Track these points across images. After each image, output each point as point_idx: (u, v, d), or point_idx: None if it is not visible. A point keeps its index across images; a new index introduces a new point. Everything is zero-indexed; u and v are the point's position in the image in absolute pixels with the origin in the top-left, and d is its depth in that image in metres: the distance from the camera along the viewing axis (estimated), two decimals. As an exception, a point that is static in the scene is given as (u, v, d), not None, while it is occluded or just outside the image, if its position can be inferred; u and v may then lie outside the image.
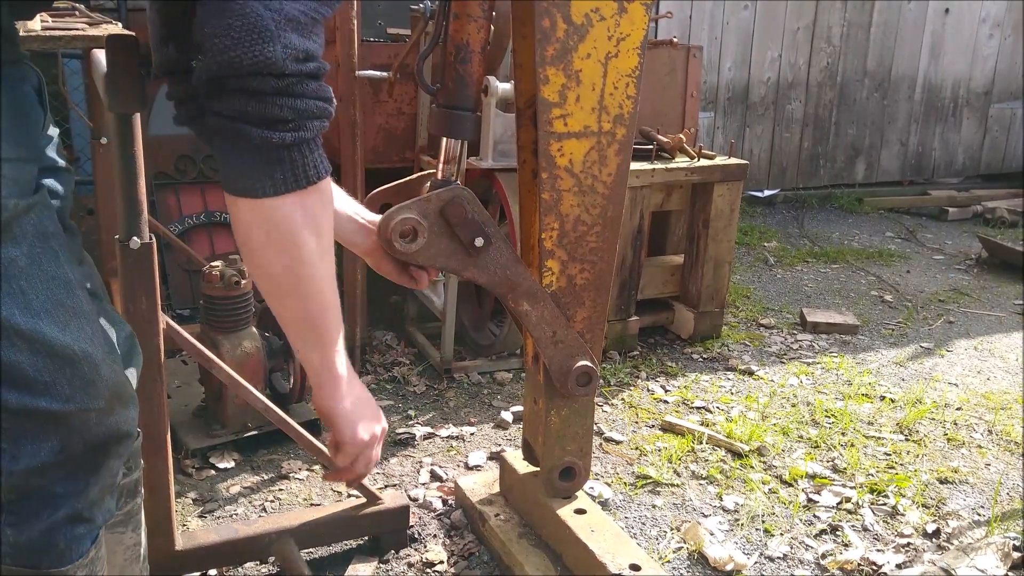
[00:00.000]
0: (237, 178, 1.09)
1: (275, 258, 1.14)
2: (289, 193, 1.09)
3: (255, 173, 1.08)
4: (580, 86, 1.75)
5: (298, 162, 1.08)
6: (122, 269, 1.66)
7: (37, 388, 1.02)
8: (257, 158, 1.07)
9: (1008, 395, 3.24)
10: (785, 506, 2.46)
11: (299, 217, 1.11)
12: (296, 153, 1.08)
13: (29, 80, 1.12)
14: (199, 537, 1.97)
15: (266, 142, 1.05)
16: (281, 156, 1.07)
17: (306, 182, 1.10)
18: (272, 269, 1.16)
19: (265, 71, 1.01)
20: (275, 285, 1.19)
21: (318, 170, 1.11)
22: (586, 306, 1.92)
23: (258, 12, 0.99)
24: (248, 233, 1.13)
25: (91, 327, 1.09)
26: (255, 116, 1.04)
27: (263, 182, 1.08)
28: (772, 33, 5.83)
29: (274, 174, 1.08)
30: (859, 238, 5.49)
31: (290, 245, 1.13)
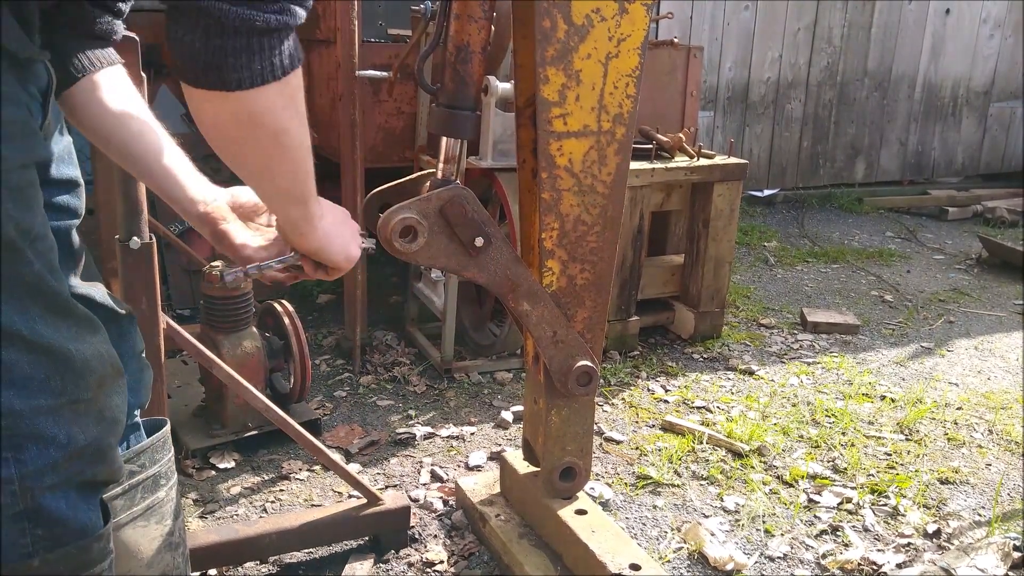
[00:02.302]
0: (206, 69, 0.97)
1: (254, 150, 1.08)
2: (268, 84, 1.00)
3: (227, 61, 0.97)
4: (580, 86, 1.74)
5: (277, 50, 0.99)
6: (122, 269, 1.66)
7: (34, 386, 1.02)
8: (234, 43, 0.96)
9: (1008, 395, 3.24)
10: (786, 506, 2.46)
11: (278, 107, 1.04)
12: (275, 40, 0.99)
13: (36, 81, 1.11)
14: (199, 537, 1.97)
15: (248, 23, 0.95)
16: (261, 43, 0.98)
17: (282, 72, 1.01)
18: (250, 160, 1.10)
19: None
20: (252, 172, 1.14)
21: (293, 59, 1.02)
22: (586, 306, 1.92)
23: None
24: (221, 128, 1.05)
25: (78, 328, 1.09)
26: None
27: (239, 72, 0.97)
28: (772, 33, 5.83)
29: (252, 64, 0.98)
30: (859, 238, 5.49)
31: (270, 136, 1.06)
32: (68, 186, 1.24)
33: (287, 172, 1.15)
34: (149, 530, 1.38)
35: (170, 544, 1.43)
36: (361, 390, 3.10)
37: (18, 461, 1.02)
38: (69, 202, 1.24)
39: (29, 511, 1.04)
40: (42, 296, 1.03)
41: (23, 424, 1.02)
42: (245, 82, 0.99)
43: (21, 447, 1.02)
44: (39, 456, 1.04)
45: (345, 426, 2.83)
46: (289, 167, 1.14)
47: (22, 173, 1.02)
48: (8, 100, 1.00)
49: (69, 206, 1.25)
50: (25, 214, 1.01)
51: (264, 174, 1.15)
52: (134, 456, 1.36)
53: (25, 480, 1.03)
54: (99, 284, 1.33)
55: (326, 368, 3.27)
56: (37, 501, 1.05)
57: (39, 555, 1.06)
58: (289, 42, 1.02)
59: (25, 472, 1.03)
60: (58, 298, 1.05)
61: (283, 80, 1.02)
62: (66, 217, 1.25)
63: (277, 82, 1.01)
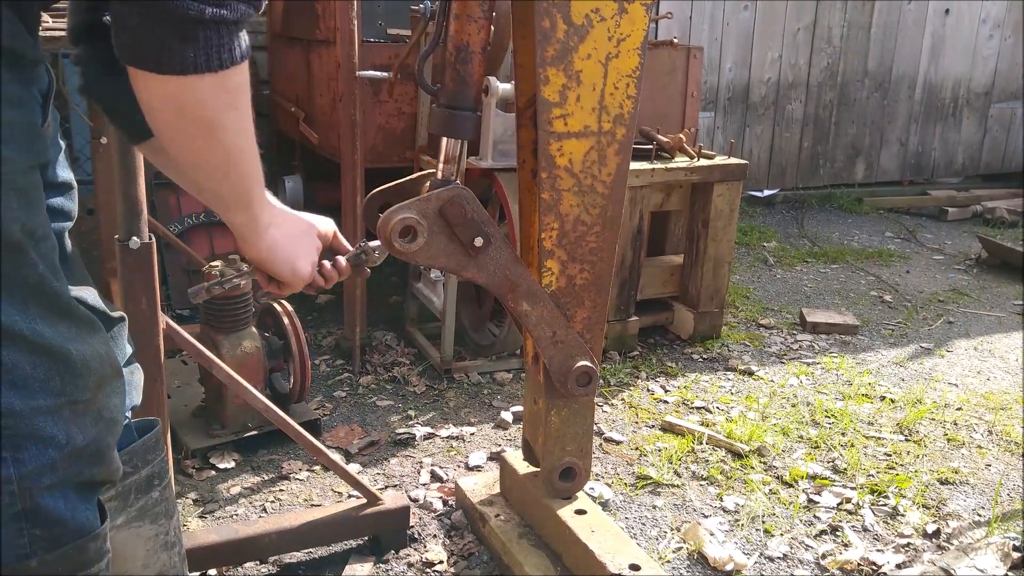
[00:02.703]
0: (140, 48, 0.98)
1: (185, 142, 1.07)
2: (201, 74, 0.99)
3: (162, 45, 0.96)
4: (580, 86, 1.75)
5: (213, 41, 0.98)
6: (122, 269, 1.66)
7: (34, 386, 1.02)
8: (167, 28, 0.96)
9: (1008, 395, 3.24)
10: (785, 507, 2.46)
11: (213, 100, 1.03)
12: (212, 32, 0.98)
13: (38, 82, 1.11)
14: (199, 537, 1.97)
15: (181, 12, 0.95)
16: (196, 33, 0.97)
17: (219, 64, 1.00)
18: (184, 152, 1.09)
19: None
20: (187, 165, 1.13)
21: (233, 54, 1.01)
22: (586, 306, 1.92)
23: None
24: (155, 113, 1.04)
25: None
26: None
27: (171, 57, 0.97)
28: (772, 34, 5.83)
29: (185, 51, 0.97)
30: (859, 238, 5.49)
31: (202, 129, 1.05)
32: (63, 188, 1.24)
33: (222, 171, 1.13)
34: (144, 530, 1.38)
35: (166, 544, 1.43)
36: (361, 390, 3.10)
37: (17, 461, 1.02)
38: (64, 204, 1.25)
39: (27, 511, 1.04)
40: (44, 296, 1.03)
41: (22, 424, 1.02)
42: (176, 67, 0.98)
43: (20, 447, 1.02)
44: (38, 456, 1.04)
45: (345, 426, 2.83)
46: (223, 166, 1.12)
47: (28, 175, 1.02)
48: (16, 102, 1.00)
49: (64, 208, 1.25)
50: (31, 215, 1.01)
51: (199, 170, 1.13)
52: (126, 458, 1.36)
53: (24, 480, 1.03)
54: (90, 287, 1.33)
55: (326, 368, 3.27)
56: (36, 501, 1.04)
57: (37, 555, 1.06)
58: (233, 37, 1.00)
59: (24, 472, 1.03)
60: (59, 299, 1.05)
61: (221, 74, 1.00)
62: (60, 219, 1.25)
63: (213, 74, 1.00)
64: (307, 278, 1.35)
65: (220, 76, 1.01)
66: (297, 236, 1.33)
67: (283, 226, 1.30)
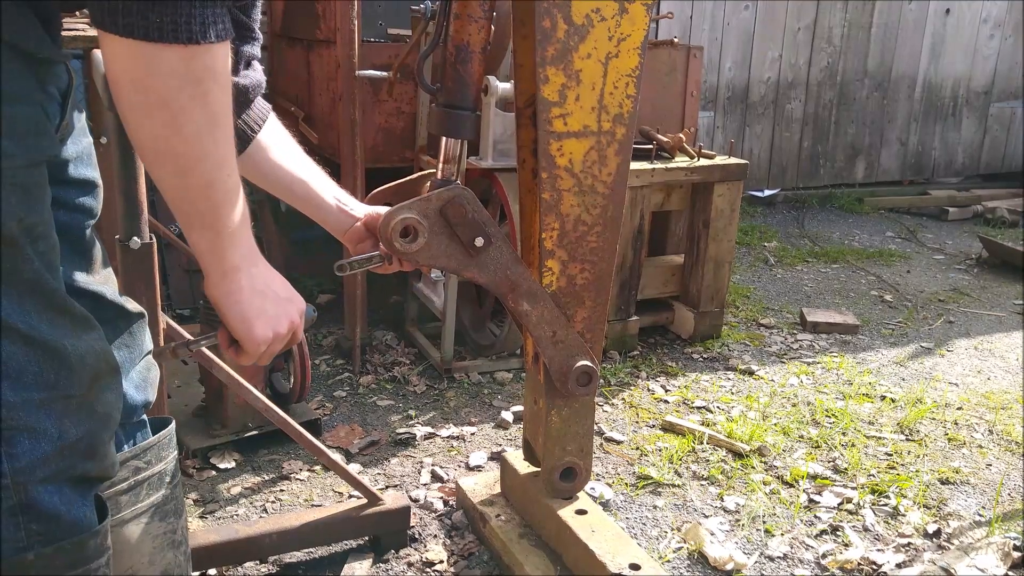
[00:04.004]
0: (106, 7, 0.92)
1: (144, 122, 1.00)
2: (167, 44, 0.93)
3: (128, 5, 0.91)
4: (580, 86, 1.74)
5: (183, 10, 0.93)
6: (122, 269, 1.66)
7: (27, 379, 1.03)
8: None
9: (1008, 395, 3.24)
10: (786, 507, 2.46)
11: (174, 76, 0.96)
12: (184, 1, 0.93)
13: (56, 82, 1.12)
14: (199, 537, 1.97)
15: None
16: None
17: (189, 36, 0.94)
18: (140, 135, 1.02)
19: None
20: (150, 147, 1.03)
21: (205, 29, 0.95)
22: (586, 306, 1.92)
23: None
24: (115, 86, 0.98)
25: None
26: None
27: (134, 18, 0.92)
28: (772, 33, 5.83)
29: (147, 13, 0.92)
30: (859, 238, 5.49)
31: (166, 107, 0.98)
32: (86, 186, 1.25)
33: (180, 168, 1.04)
34: (152, 527, 1.39)
35: (173, 542, 1.43)
36: (361, 390, 3.10)
37: (9, 455, 1.03)
38: (86, 202, 1.26)
39: (22, 505, 1.05)
40: (40, 292, 1.03)
41: (15, 416, 1.03)
42: (137, 31, 0.92)
43: (12, 440, 1.03)
44: (31, 449, 1.04)
45: (345, 426, 2.83)
46: (181, 162, 1.03)
47: (30, 172, 1.02)
48: (18, 98, 1.00)
49: (85, 206, 1.26)
50: (30, 212, 1.01)
51: (156, 161, 1.04)
52: (140, 453, 1.37)
53: (17, 474, 1.04)
54: (112, 282, 1.34)
55: (326, 368, 3.27)
56: (30, 495, 1.05)
57: (34, 549, 1.06)
58: (205, 10, 0.95)
59: (17, 466, 1.04)
60: (55, 296, 1.06)
61: (188, 47, 0.94)
62: (83, 216, 1.26)
63: (180, 46, 0.94)
64: (259, 344, 1.20)
65: (187, 51, 0.95)
66: (269, 296, 1.20)
67: (256, 278, 1.18)
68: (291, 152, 1.48)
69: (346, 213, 1.57)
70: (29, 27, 1.01)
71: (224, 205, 1.09)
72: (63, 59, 1.12)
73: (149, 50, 0.94)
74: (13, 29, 0.99)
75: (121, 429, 1.35)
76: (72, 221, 1.23)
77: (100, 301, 1.28)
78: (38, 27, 1.03)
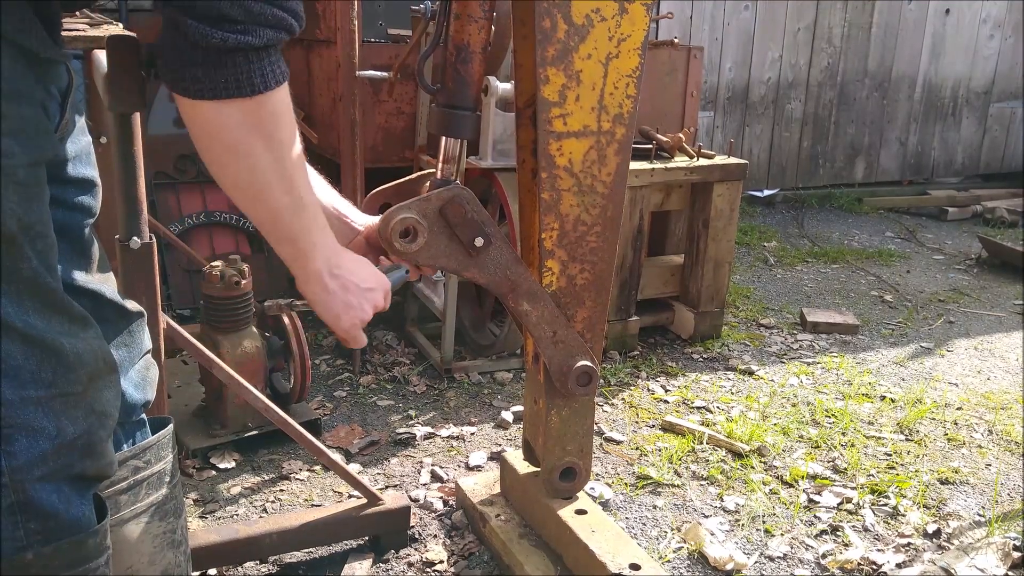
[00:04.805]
0: (181, 76, 1.03)
1: (223, 167, 1.12)
2: (231, 99, 1.03)
3: (197, 72, 1.02)
4: (580, 86, 1.74)
5: (243, 68, 1.02)
6: (122, 269, 1.66)
7: (24, 377, 1.03)
8: (196, 55, 1.01)
9: (1008, 395, 3.24)
10: (786, 507, 2.46)
11: (247, 127, 1.06)
12: (241, 58, 1.02)
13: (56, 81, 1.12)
14: (200, 537, 1.97)
15: (205, 40, 0.99)
16: (223, 60, 1.01)
17: (251, 89, 1.03)
18: (224, 174, 1.14)
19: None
20: (231, 189, 1.17)
21: (266, 79, 1.04)
22: (586, 306, 1.92)
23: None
24: (197, 136, 1.09)
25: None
26: (200, 10, 0.98)
27: (202, 83, 1.02)
28: (772, 33, 5.83)
29: (218, 76, 1.02)
30: (859, 238, 5.49)
31: (236, 153, 1.09)
32: (85, 185, 1.26)
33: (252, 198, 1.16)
34: (152, 527, 1.39)
35: (172, 542, 1.43)
36: (361, 390, 3.10)
37: (7, 453, 1.03)
38: (85, 201, 1.26)
39: (21, 503, 1.05)
40: (37, 291, 1.04)
41: (12, 414, 1.03)
42: (207, 93, 1.03)
43: (10, 438, 1.03)
44: (29, 447, 1.05)
45: (345, 426, 2.83)
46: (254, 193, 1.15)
47: (30, 171, 1.02)
48: (19, 97, 1.01)
49: (84, 204, 1.26)
50: (28, 211, 1.02)
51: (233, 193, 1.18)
52: (140, 452, 1.37)
53: (15, 473, 1.04)
54: (111, 281, 1.34)
55: (326, 368, 3.27)
56: (28, 493, 1.05)
57: (33, 548, 1.06)
58: (263, 63, 1.03)
59: (15, 465, 1.04)
60: (54, 295, 1.06)
61: (252, 99, 1.04)
62: (81, 215, 1.26)
63: (243, 99, 1.04)
64: (347, 331, 1.37)
65: (253, 102, 1.05)
66: (351, 290, 1.34)
67: (338, 278, 1.32)
68: None
69: (346, 223, 1.57)
70: (30, 26, 1.02)
71: (296, 222, 1.21)
72: (64, 59, 1.13)
73: (219, 107, 1.04)
74: (14, 28, 0.99)
75: (120, 428, 1.35)
76: (71, 220, 1.24)
77: (99, 300, 1.29)
78: (39, 26, 1.03)
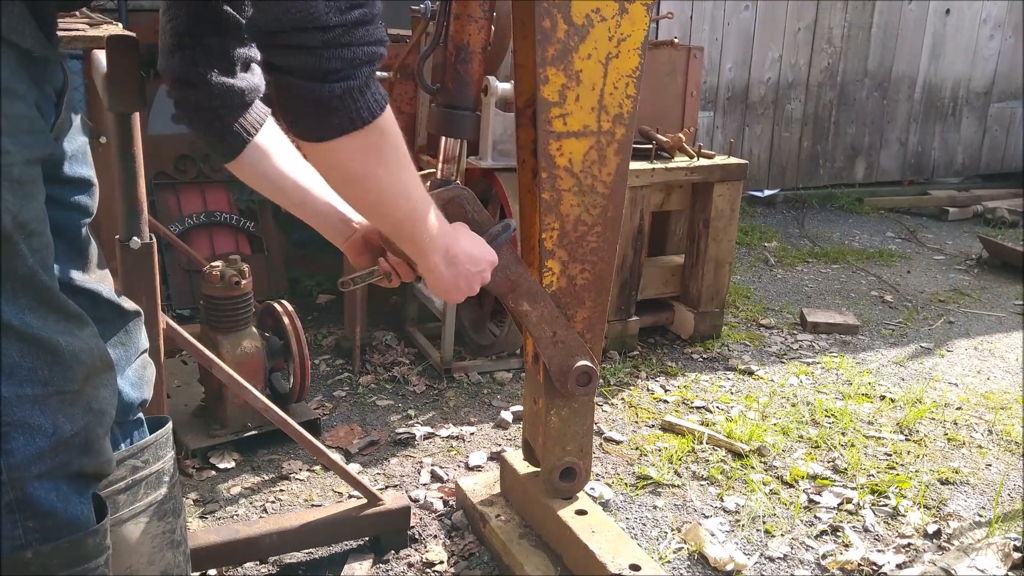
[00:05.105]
0: (295, 124, 1.16)
1: (349, 191, 1.29)
2: (346, 135, 1.15)
3: (310, 121, 1.14)
4: (580, 86, 1.74)
5: (350, 107, 1.13)
6: (122, 269, 1.66)
7: (21, 375, 1.03)
8: (309, 108, 1.12)
9: (1008, 395, 3.24)
10: (786, 507, 2.46)
11: (361, 154, 1.19)
12: (348, 99, 1.12)
13: (52, 81, 1.12)
14: (199, 537, 1.97)
15: (314, 95, 1.09)
16: (333, 105, 1.11)
17: (360, 122, 1.15)
18: (350, 198, 1.34)
19: (310, 25, 1.04)
20: (360, 208, 1.39)
21: (372, 109, 1.15)
22: (586, 306, 1.92)
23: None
24: (323, 172, 1.25)
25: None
26: (304, 70, 1.08)
27: (320, 129, 1.14)
28: (773, 34, 5.83)
29: (330, 120, 1.13)
30: (859, 238, 5.48)
31: (358, 180, 1.23)
32: (81, 185, 1.26)
33: (379, 214, 1.33)
34: (151, 526, 1.39)
35: (171, 542, 1.43)
36: (361, 390, 3.10)
37: (5, 451, 1.03)
38: (81, 200, 1.27)
39: (19, 501, 1.05)
40: (33, 289, 1.04)
41: (9, 412, 1.03)
42: (323, 136, 1.15)
43: (8, 436, 1.03)
44: (26, 445, 1.05)
45: (345, 426, 2.83)
46: (379, 210, 1.32)
47: (25, 169, 1.03)
48: (16, 96, 1.01)
49: (81, 204, 1.27)
50: (23, 209, 1.02)
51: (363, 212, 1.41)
52: (138, 452, 1.37)
53: (13, 471, 1.04)
54: (108, 281, 1.34)
55: (326, 368, 3.27)
56: (26, 491, 1.05)
57: (32, 547, 1.06)
58: (366, 95, 1.14)
59: (12, 462, 1.04)
60: (50, 293, 1.06)
61: (364, 129, 1.16)
62: (78, 214, 1.27)
63: (358, 131, 1.15)
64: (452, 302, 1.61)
65: (362, 132, 1.16)
66: (462, 272, 1.51)
67: (452, 264, 1.49)
68: (289, 156, 1.49)
69: (344, 221, 1.57)
70: (24, 25, 1.02)
71: (416, 225, 1.37)
72: (59, 58, 1.13)
73: (335, 144, 1.16)
74: (8, 27, 1.00)
75: (118, 428, 1.35)
76: (68, 219, 1.24)
77: (96, 299, 1.29)
78: (33, 26, 1.04)
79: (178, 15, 1.30)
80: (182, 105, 1.36)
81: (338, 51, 1.07)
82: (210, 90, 1.31)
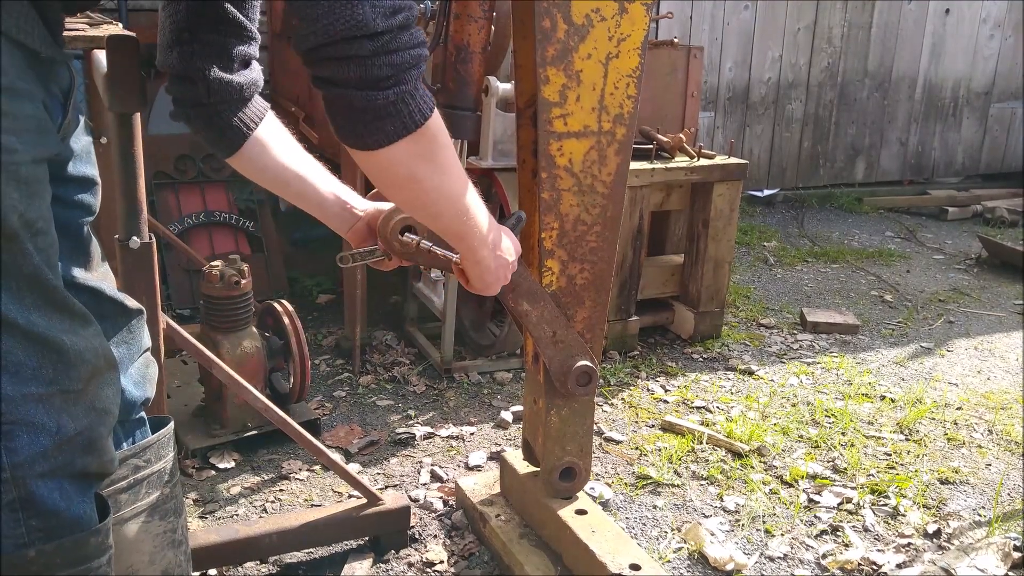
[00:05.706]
0: (350, 134, 1.16)
1: (402, 194, 1.30)
2: (400, 140, 1.16)
3: (365, 130, 1.15)
4: (580, 86, 1.74)
5: (403, 111, 1.14)
6: (122, 269, 1.66)
7: (26, 374, 1.03)
8: (365, 116, 1.13)
9: (1008, 395, 3.24)
10: (786, 507, 2.46)
11: (414, 157, 1.20)
12: (401, 104, 1.13)
13: (58, 81, 1.13)
14: (199, 537, 1.97)
15: (370, 103, 1.11)
16: (388, 111, 1.12)
17: (414, 126, 1.16)
18: (403, 201, 1.35)
19: (358, 34, 1.05)
20: (412, 210, 1.40)
21: (423, 112, 1.17)
22: (586, 306, 1.92)
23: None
24: (375, 177, 1.25)
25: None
26: (356, 80, 1.09)
27: (375, 136, 1.15)
28: (773, 33, 5.83)
29: (384, 127, 1.14)
30: (859, 238, 5.49)
31: (412, 182, 1.24)
32: (85, 184, 1.27)
33: (431, 215, 1.36)
34: (152, 526, 1.39)
35: (173, 541, 1.43)
36: (361, 390, 3.10)
37: (8, 449, 1.03)
38: (84, 199, 1.27)
39: (22, 500, 1.05)
40: (38, 288, 1.04)
41: (13, 411, 1.03)
42: (382, 143, 1.16)
43: (11, 434, 1.04)
44: (29, 444, 1.05)
45: (345, 426, 2.83)
46: (431, 210, 1.34)
47: (32, 167, 1.03)
48: (23, 95, 1.01)
49: (84, 203, 1.27)
50: (30, 207, 1.02)
51: (414, 213, 1.43)
52: (140, 451, 1.37)
53: (16, 469, 1.04)
54: (110, 279, 1.35)
55: (326, 368, 3.27)
56: (29, 490, 1.06)
57: (34, 546, 1.06)
58: (416, 99, 1.15)
59: (16, 461, 1.04)
60: (55, 292, 1.07)
61: (416, 133, 1.17)
62: (81, 213, 1.27)
63: (409, 135, 1.16)
64: (486, 292, 1.59)
65: (413, 137, 1.17)
66: (500, 264, 1.54)
67: (495, 259, 1.52)
68: (290, 148, 1.49)
69: (348, 209, 1.58)
70: (32, 26, 1.02)
71: (468, 222, 1.39)
72: (65, 59, 1.13)
73: (389, 150, 1.17)
74: (17, 28, 1.00)
75: (120, 427, 1.35)
76: (70, 217, 1.24)
77: (99, 297, 1.29)
78: (41, 26, 1.04)
79: (177, 11, 1.30)
80: (180, 101, 1.35)
81: (388, 57, 1.08)
82: (208, 86, 1.31)
